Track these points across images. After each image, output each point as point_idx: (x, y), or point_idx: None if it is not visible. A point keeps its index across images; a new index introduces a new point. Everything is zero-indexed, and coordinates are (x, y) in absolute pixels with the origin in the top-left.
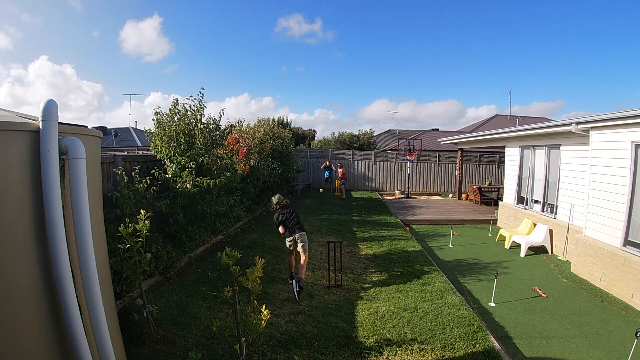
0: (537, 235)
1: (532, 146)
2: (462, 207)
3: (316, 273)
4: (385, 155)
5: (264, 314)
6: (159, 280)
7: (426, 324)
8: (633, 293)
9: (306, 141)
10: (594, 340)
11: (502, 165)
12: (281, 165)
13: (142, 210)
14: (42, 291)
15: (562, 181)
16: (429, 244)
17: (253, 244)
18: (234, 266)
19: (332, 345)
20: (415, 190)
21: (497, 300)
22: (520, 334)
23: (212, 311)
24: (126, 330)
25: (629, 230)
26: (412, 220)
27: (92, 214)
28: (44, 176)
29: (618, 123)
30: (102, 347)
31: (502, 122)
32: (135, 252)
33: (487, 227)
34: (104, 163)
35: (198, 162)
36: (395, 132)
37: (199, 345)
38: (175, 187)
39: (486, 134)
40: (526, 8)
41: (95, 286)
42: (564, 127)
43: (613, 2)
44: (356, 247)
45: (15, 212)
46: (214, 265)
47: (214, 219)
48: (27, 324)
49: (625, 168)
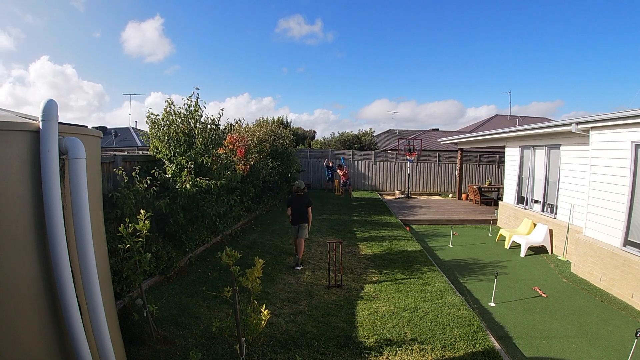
0: (537, 235)
1: (532, 146)
2: (462, 207)
3: (316, 273)
4: (385, 155)
5: (264, 314)
6: (159, 280)
7: (426, 324)
8: (633, 293)
9: (306, 141)
10: (594, 340)
11: (502, 165)
12: (281, 165)
13: (142, 210)
14: (42, 291)
15: (562, 181)
16: (429, 244)
17: (253, 244)
18: (234, 266)
19: (332, 345)
20: (415, 190)
21: (497, 300)
22: (520, 334)
23: (212, 311)
24: (126, 330)
25: (629, 230)
26: (412, 220)
27: (92, 214)
28: (44, 176)
29: (618, 123)
30: (102, 347)
31: (502, 122)
32: (135, 252)
33: (487, 227)
34: (104, 163)
35: (198, 162)
36: (395, 132)
37: (199, 345)
38: (175, 187)
39: (486, 134)
40: (526, 8)
41: (95, 286)
42: (564, 127)
43: (613, 2)
44: (356, 247)
45: (15, 212)
46: (214, 265)
47: (214, 219)
48: (27, 324)
49: (625, 168)
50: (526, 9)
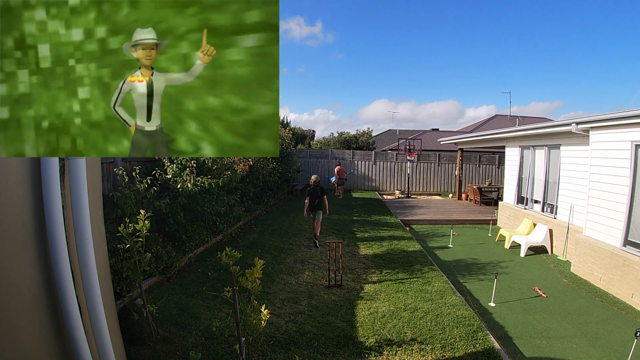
0: (537, 235)
1: (532, 146)
2: (462, 207)
3: (316, 273)
4: (385, 155)
5: (263, 314)
6: (159, 280)
7: (426, 324)
8: (633, 293)
9: (306, 141)
10: (594, 340)
11: (502, 165)
12: (281, 165)
13: (142, 210)
14: (42, 291)
15: (562, 181)
16: (429, 244)
17: (253, 244)
18: (233, 266)
19: (332, 345)
20: (415, 190)
21: (497, 300)
22: (520, 334)
23: (212, 311)
24: (126, 330)
25: (629, 230)
26: (412, 220)
27: (92, 214)
28: (44, 176)
29: (618, 123)
30: (102, 347)
31: (502, 122)
32: (135, 252)
33: (487, 227)
34: (104, 163)
35: (199, 161)
36: (395, 132)
37: (199, 345)
38: (175, 187)
39: (486, 134)
40: (526, 8)
41: (95, 286)
42: (564, 127)
43: (613, 2)
44: (356, 247)
45: (15, 212)
46: (214, 265)
47: (214, 219)
48: (27, 324)
49: (625, 168)
50: (526, 9)
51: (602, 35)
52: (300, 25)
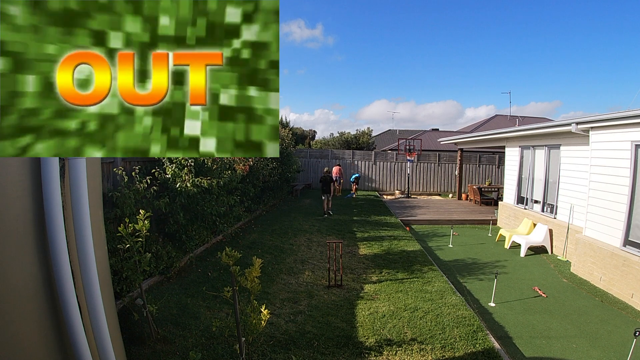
0: (537, 235)
1: (532, 146)
2: (462, 207)
3: (316, 273)
4: (385, 155)
5: (263, 314)
6: (159, 280)
7: (426, 324)
8: (633, 293)
9: (306, 141)
10: (594, 340)
11: (502, 165)
12: (281, 165)
13: (141, 210)
14: (41, 291)
15: (562, 181)
16: (429, 244)
17: (253, 244)
18: (234, 266)
19: (332, 345)
20: (415, 190)
21: (497, 300)
22: (520, 334)
23: (212, 311)
24: (126, 330)
25: (628, 230)
26: (412, 220)
27: (92, 214)
28: (44, 176)
29: (618, 123)
30: (102, 347)
31: (502, 122)
32: (135, 252)
33: (487, 227)
34: (103, 163)
35: (199, 161)
36: (395, 132)
37: (199, 345)
38: (175, 186)
39: (486, 134)
40: (526, 8)
41: (95, 286)
42: (564, 127)
43: (613, 2)
44: (356, 247)
45: (16, 212)
46: (214, 265)
47: (214, 219)
48: (27, 324)
49: (625, 168)
50: (526, 9)
51: (602, 35)
52: (301, 28)
